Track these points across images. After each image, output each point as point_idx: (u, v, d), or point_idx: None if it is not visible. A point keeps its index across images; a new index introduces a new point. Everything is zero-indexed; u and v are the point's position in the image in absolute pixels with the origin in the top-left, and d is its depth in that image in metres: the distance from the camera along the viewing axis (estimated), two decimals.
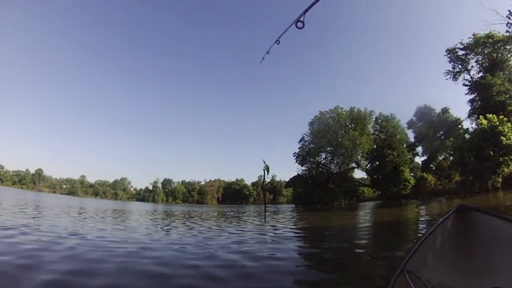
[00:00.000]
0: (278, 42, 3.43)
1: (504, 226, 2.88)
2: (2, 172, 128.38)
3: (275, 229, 11.98)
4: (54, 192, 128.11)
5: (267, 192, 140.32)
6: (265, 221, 16.30)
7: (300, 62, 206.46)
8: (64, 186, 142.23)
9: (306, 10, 2.72)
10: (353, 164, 53.59)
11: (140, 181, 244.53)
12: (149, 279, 4.35)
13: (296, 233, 11.51)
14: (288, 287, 4.35)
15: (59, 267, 4.59)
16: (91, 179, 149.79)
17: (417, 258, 2.67)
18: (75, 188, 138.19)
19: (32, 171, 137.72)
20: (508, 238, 2.84)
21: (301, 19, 2.76)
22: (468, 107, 40.55)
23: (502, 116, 29.25)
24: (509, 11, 28.25)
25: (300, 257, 6.77)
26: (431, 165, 47.50)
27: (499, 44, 37.19)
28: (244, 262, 5.50)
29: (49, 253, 5.56)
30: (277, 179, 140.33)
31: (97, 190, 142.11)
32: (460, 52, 41.39)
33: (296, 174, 56.44)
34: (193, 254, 6.30)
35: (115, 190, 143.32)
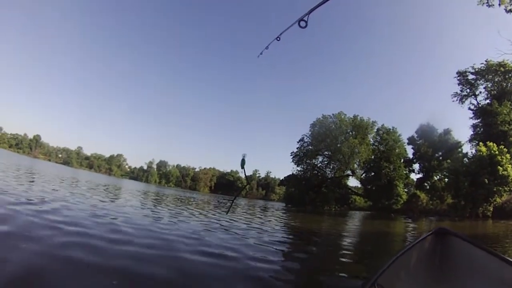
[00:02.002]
0: (278, 38, 3.35)
1: (480, 254, 2.92)
2: (0, 134, 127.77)
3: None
4: (49, 160, 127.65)
5: (260, 188, 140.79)
6: (227, 213, 16.08)
7: (309, 65, 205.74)
8: (60, 155, 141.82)
9: (312, 10, 2.64)
10: (349, 172, 53.66)
11: (135, 160, 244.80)
12: None
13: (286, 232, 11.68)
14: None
15: None
16: (87, 151, 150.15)
17: (390, 273, 2.66)
18: (71, 158, 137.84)
19: (30, 136, 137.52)
20: (482, 266, 2.88)
21: (305, 18, 2.66)
22: (471, 132, 40.70)
23: (503, 146, 29.27)
24: None
25: (282, 259, 6.83)
26: (426, 184, 47.62)
27: (510, 74, 37.11)
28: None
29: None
30: (272, 176, 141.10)
31: (92, 163, 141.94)
32: (470, 76, 41.32)
33: (291, 173, 56.55)
34: None
35: (110, 166, 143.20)
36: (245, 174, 3.34)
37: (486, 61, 38.94)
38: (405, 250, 3.02)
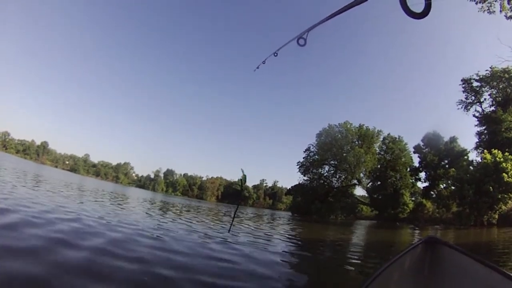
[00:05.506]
0: (276, 54, 3.38)
1: (469, 262, 2.90)
2: (8, 139, 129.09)
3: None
4: (56, 167, 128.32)
5: (267, 197, 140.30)
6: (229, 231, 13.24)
7: (315, 75, 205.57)
8: (67, 162, 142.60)
9: (310, 29, 2.60)
10: (355, 181, 53.27)
11: (142, 168, 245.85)
12: None
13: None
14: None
15: None
16: (95, 159, 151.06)
17: (380, 282, 2.64)
18: (78, 165, 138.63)
19: (38, 142, 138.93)
20: (471, 274, 2.87)
21: (304, 36, 2.64)
22: (476, 139, 40.46)
23: (508, 153, 28.97)
24: None
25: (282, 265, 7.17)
26: (432, 192, 47.28)
27: None
28: None
29: None
30: (279, 185, 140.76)
31: (99, 170, 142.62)
32: (475, 84, 41.15)
33: (297, 183, 56.62)
34: None
35: (117, 174, 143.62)
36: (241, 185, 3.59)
37: (490, 67, 38.82)
38: (395, 260, 2.99)
